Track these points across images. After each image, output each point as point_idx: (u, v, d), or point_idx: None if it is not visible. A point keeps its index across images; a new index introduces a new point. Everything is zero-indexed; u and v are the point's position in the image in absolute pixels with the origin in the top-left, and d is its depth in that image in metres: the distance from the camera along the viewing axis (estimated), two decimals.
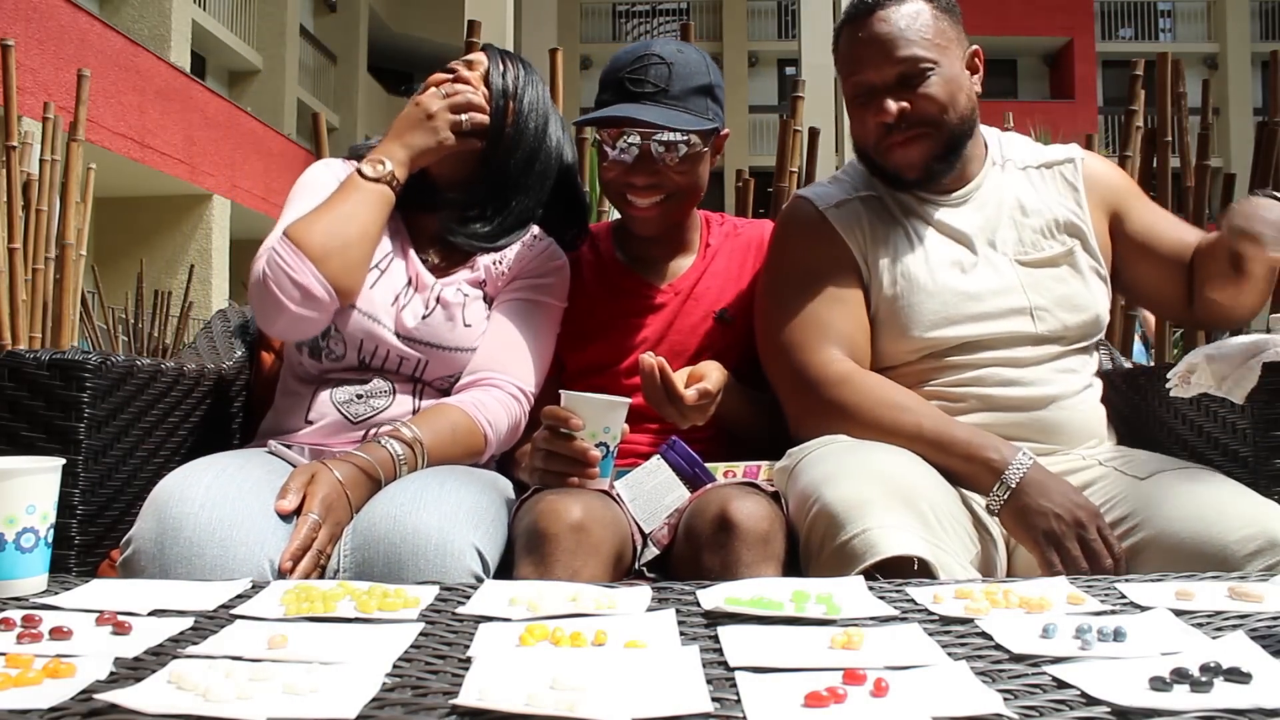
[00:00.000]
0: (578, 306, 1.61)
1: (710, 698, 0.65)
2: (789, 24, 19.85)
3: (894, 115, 1.37)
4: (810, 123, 2.64)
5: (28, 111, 3.51)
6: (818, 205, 1.47)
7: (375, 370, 1.46)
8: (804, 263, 1.46)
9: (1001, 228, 1.45)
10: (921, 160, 1.41)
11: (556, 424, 1.28)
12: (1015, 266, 1.42)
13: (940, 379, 1.40)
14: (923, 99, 1.38)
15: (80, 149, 2.84)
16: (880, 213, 1.47)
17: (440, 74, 1.53)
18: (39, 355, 1.33)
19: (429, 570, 1.13)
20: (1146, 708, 0.62)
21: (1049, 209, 1.46)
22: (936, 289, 1.40)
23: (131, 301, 6.00)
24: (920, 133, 1.39)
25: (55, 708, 0.64)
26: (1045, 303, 1.41)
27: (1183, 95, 2.71)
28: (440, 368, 1.46)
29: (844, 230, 1.45)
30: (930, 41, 1.38)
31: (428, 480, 1.24)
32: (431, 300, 1.47)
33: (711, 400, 1.39)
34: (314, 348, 1.45)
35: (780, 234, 1.54)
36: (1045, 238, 1.45)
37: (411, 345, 1.45)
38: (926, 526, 1.12)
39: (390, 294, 1.46)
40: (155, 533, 1.14)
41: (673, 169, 1.52)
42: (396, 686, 0.68)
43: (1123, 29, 21.40)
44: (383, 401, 1.44)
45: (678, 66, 1.51)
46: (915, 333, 1.39)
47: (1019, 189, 1.48)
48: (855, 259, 1.44)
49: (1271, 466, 1.33)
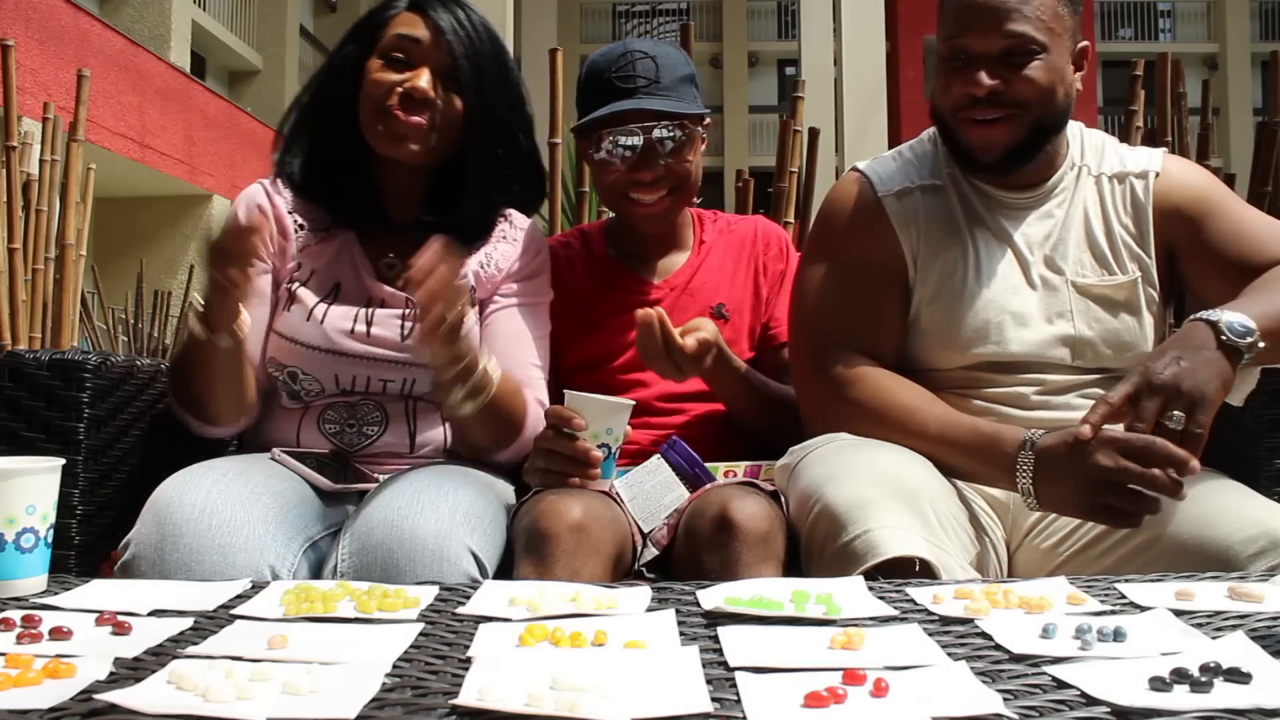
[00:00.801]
0: (572, 304, 1.61)
1: (710, 698, 0.65)
2: (789, 24, 19.84)
3: (985, 90, 1.28)
4: (810, 123, 2.64)
5: (28, 111, 3.51)
6: (877, 190, 1.40)
7: (360, 394, 1.41)
8: (850, 250, 1.39)
9: (1064, 244, 1.37)
10: (1003, 144, 1.32)
11: (559, 424, 1.28)
12: (1070, 291, 1.35)
13: (966, 390, 1.36)
14: (1021, 80, 1.28)
15: (80, 149, 2.84)
16: (941, 210, 1.39)
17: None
18: (39, 355, 1.33)
19: (425, 575, 1.13)
20: (1146, 708, 0.62)
21: (1116, 230, 1.38)
22: (982, 305, 1.34)
23: (131, 301, 5.99)
24: (1008, 114, 1.30)
25: (55, 708, 0.64)
26: (1092, 336, 1.34)
27: (1183, 95, 2.71)
28: (426, 383, 1.40)
29: (899, 225, 1.38)
30: (1045, 24, 1.28)
31: (425, 483, 1.24)
32: (410, 317, 1.40)
33: (708, 350, 1.39)
34: (291, 393, 1.42)
35: (832, 210, 1.44)
36: (1109, 263, 1.37)
37: (394, 368, 1.40)
38: (927, 527, 1.12)
39: (345, 320, 1.39)
40: (155, 538, 1.14)
41: (674, 161, 1.52)
42: (396, 686, 0.68)
43: (1123, 29, 21.39)
44: (374, 429, 1.41)
45: (661, 58, 1.53)
46: (954, 347, 1.35)
47: (1090, 202, 1.39)
48: (904, 258, 1.38)
49: (1272, 467, 1.33)
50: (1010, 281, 1.36)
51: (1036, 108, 1.30)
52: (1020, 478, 1.17)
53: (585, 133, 1.56)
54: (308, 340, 1.39)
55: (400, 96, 1.38)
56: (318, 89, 1.47)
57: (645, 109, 1.49)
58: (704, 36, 19.30)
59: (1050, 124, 1.33)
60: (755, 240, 1.66)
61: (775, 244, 1.67)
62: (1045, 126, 1.33)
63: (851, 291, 1.38)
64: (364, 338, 1.39)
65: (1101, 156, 1.43)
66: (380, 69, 1.40)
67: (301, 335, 1.39)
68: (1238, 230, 1.35)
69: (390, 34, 1.40)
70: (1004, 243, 1.38)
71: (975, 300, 1.35)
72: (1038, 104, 1.30)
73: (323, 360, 1.39)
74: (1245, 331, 1.15)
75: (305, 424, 1.42)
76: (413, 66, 1.39)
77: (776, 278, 1.64)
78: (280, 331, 1.40)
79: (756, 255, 1.65)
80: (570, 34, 18.64)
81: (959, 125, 1.34)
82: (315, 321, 1.39)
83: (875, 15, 8.45)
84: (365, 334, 1.39)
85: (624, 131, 1.51)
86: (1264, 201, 2.66)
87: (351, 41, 1.45)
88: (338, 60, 1.45)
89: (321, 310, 1.40)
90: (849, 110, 8.15)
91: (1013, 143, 1.32)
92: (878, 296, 1.38)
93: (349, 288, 1.44)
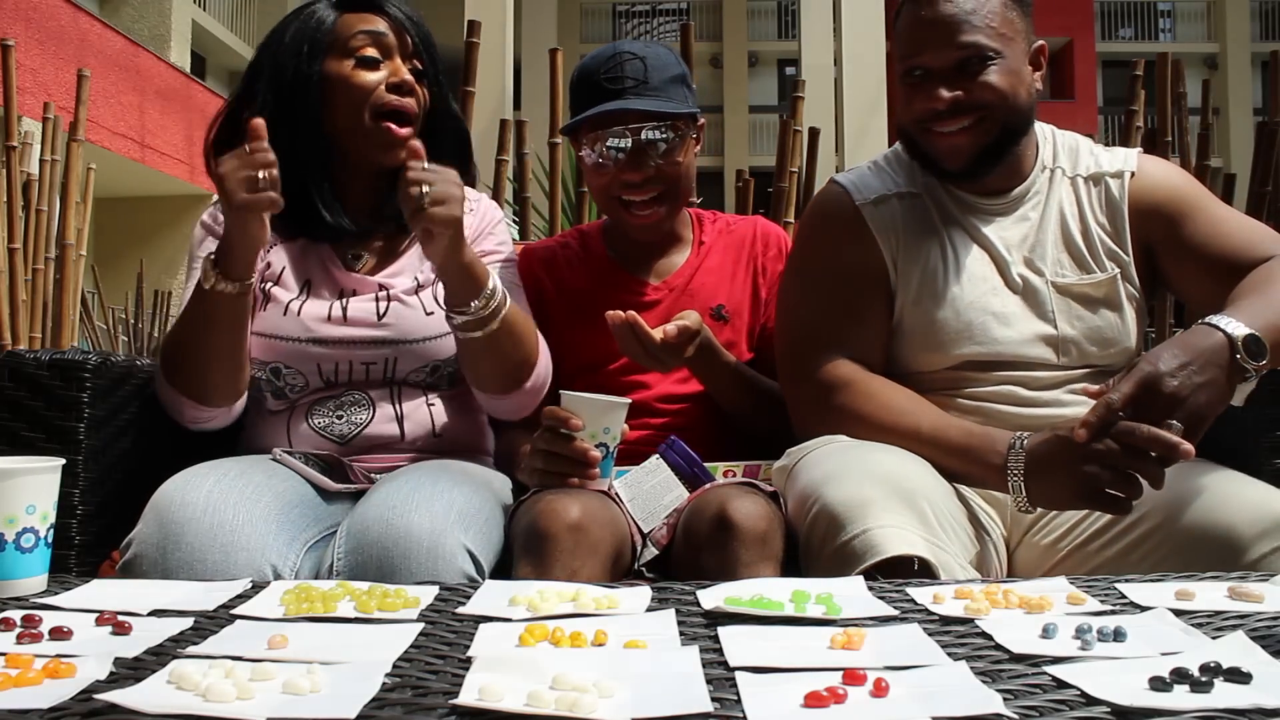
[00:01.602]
0: (571, 305, 1.61)
1: (710, 698, 0.65)
2: (789, 24, 19.85)
3: (945, 103, 1.31)
4: (810, 123, 2.65)
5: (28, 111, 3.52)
6: (854, 199, 1.42)
7: (344, 384, 1.42)
8: (831, 259, 1.42)
9: (1042, 245, 1.38)
10: (969, 151, 1.34)
11: (556, 424, 1.28)
12: (1051, 291, 1.37)
13: (953, 390, 1.37)
14: (980, 87, 1.31)
15: (80, 149, 2.84)
16: (918, 216, 1.41)
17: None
18: (39, 355, 1.33)
19: (421, 573, 1.13)
20: (1146, 708, 0.62)
21: (1093, 230, 1.39)
22: (963, 306, 1.36)
23: (131, 301, 6.00)
24: (973, 120, 1.32)
25: (55, 708, 0.64)
26: (1075, 334, 1.36)
27: (1183, 95, 2.71)
28: (410, 361, 1.42)
29: (878, 231, 1.40)
30: (996, 30, 1.31)
31: (420, 480, 1.24)
32: (383, 299, 1.42)
33: (690, 338, 1.39)
34: (275, 391, 1.43)
35: (812, 222, 1.48)
36: (1088, 262, 1.38)
37: (373, 347, 1.41)
38: (927, 526, 1.12)
39: (321, 309, 1.41)
40: (157, 538, 1.14)
41: (665, 162, 1.52)
42: (396, 686, 0.68)
43: (1123, 29, 21.40)
44: (363, 415, 1.42)
45: (650, 59, 1.53)
46: (937, 348, 1.36)
47: (1066, 204, 1.41)
48: (885, 262, 1.39)
49: (1272, 465, 1.33)
50: (990, 283, 1.37)
51: (1000, 110, 1.33)
52: (1011, 477, 1.18)
53: (575, 135, 1.57)
54: (287, 334, 1.40)
55: (390, 88, 1.40)
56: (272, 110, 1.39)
57: (632, 109, 1.49)
58: (704, 36, 19.30)
59: (1015, 125, 1.35)
60: (754, 241, 1.66)
61: (774, 244, 1.67)
62: (1010, 128, 1.35)
63: (836, 296, 1.39)
64: (341, 321, 1.40)
65: (1076, 158, 1.45)
66: (354, 70, 1.40)
67: (281, 330, 1.40)
68: (1216, 230, 1.36)
69: (351, 33, 1.40)
70: (982, 245, 1.40)
71: (957, 301, 1.36)
72: (1000, 107, 1.32)
73: (303, 351, 1.39)
74: (1257, 352, 1.15)
75: (294, 423, 1.42)
76: (383, 60, 1.41)
77: (775, 278, 1.64)
78: (259, 331, 1.41)
79: (755, 256, 1.65)
80: (570, 34, 18.65)
81: (924, 137, 1.37)
82: (293, 315, 1.40)
83: (875, 15, 8.45)
84: (342, 318, 1.40)
85: (612, 133, 1.51)
86: (1264, 201, 2.67)
87: (292, 54, 1.41)
88: (288, 77, 1.41)
89: (297, 304, 1.41)
90: (849, 110, 8.15)
91: (978, 148, 1.35)
92: (862, 301, 1.39)
93: (320, 281, 1.45)
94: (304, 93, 1.40)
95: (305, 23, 1.43)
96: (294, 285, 1.44)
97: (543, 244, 1.73)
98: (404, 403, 1.43)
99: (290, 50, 1.42)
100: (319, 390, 1.42)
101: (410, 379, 1.44)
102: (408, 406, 1.43)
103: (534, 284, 1.63)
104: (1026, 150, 1.41)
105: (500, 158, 2.45)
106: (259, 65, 1.45)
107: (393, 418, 1.42)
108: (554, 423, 1.28)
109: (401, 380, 1.44)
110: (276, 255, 1.46)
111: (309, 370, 1.40)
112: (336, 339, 1.40)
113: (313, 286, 1.44)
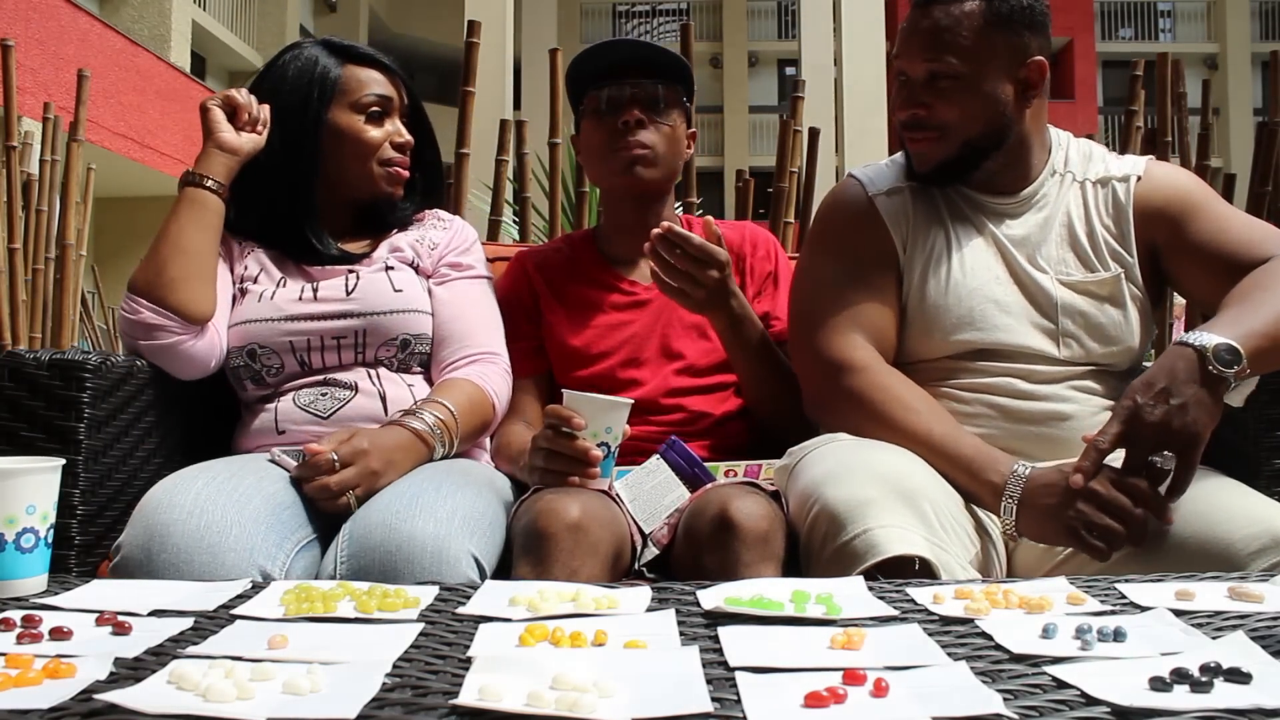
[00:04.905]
0: (565, 307, 1.62)
1: (710, 698, 0.65)
2: (789, 24, 19.86)
3: (907, 115, 1.38)
4: (810, 123, 2.65)
5: (28, 111, 3.52)
6: (867, 190, 1.46)
7: (319, 369, 1.47)
8: (845, 247, 1.45)
9: (1046, 244, 1.40)
10: (931, 161, 1.40)
11: (558, 423, 1.28)
12: (1055, 285, 1.38)
13: (954, 380, 1.38)
14: (941, 107, 1.36)
15: (80, 149, 2.84)
16: (928, 207, 1.44)
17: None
18: (39, 355, 1.33)
19: (425, 578, 1.12)
20: (1146, 708, 0.62)
21: (1098, 231, 1.41)
22: (966, 293, 1.38)
23: None
24: (931, 137, 1.38)
25: (55, 708, 0.64)
26: (1076, 330, 1.37)
27: (1183, 95, 2.72)
28: (379, 334, 1.48)
29: (890, 220, 1.43)
30: (970, 51, 1.33)
31: (424, 484, 1.24)
32: (350, 278, 1.50)
33: (718, 262, 1.42)
34: (254, 377, 1.48)
35: (826, 213, 1.51)
36: (1091, 261, 1.39)
37: (342, 320, 1.47)
38: (928, 526, 1.12)
39: (294, 292, 1.49)
40: (143, 539, 1.14)
41: (660, 118, 1.57)
42: (396, 686, 0.68)
43: (1123, 29, 21.41)
44: (345, 393, 1.45)
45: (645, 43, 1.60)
46: (938, 334, 1.38)
47: (1073, 206, 1.43)
48: (896, 250, 1.43)
49: (1271, 466, 1.33)
50: (994, 272, 1.40)
51: (958, 131, 1.37)
52: (1006, 499, 1.20)
53: (577, 92, 1.62)
54: (261, 315, 1.47)
55: (395, 146, 1.57)
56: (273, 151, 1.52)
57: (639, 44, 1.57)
58: (704, 36, 19.31)
59: (983, 143, 1.38)
60: (742, 244, 1.67)
61: (763, 246, 1.68)
62: (976, 146, 1.38)
63: (850, 275, 1.42)
64: (311, 299, 1.48)
65: (1088, 164, 1.47)
66: (365, 125, 1.55)
67: (255, 314, 1.48)
68: (1220, 230, 1.36)
69: (361, 90, 1.55)
70: (987, 239, 1.42)
71: (959, 288, 1.38)
72: (958, 128, 1.36)
73: (275, 329, 1.46)
74: (1231, 360, 1.16)
75: (281, 408, 1.44)
76: (386, 116, 1.57)
77: (764, 276, 1.65)
78: (236, 321, 1.49)
79: (744, 256, 1.66)
80: (570, 34, 18.64)
81: (904, 138, 1.43)
82: (266, 300, 1.49)
83: (875, 15, 8.46)
84: (313, 298, 1.49)
85: (613, 87, 1.56)
86: (1264, 201, 2.67)
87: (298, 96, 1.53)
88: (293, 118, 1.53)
89: (271, 291, 1.50)
90: (849, 110, 8.16)
91: (939, 161, 1.40)
92: (875, 277, 1.42)
93: (294, 275, 1.54)
94: (311, 135, 1.52)
95: (308, 67, 1.54)
96: (269, 281, 1.52)
97: (534, 249, 1.75)
98: (383, 383, 1.47)
99: (296, 91, 1.53)
100: (296, 374, 1.47)
101: (382, 357, 1.49)
102: (387, 386, 1.47)
103: (528, 286, 1.65)
104: (1035, 156, 1.44)
105: (500, 158, 2.45)
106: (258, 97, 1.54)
107: (375, 394, 1.46)
108: (556, 421, 1.28)
109: (375, 361, 1.49)
110: (254, 259, 1.55)
111: (282, 348, 1.46)
112: (306, 314, 1.47)
113: (287, 280, 1.52)
